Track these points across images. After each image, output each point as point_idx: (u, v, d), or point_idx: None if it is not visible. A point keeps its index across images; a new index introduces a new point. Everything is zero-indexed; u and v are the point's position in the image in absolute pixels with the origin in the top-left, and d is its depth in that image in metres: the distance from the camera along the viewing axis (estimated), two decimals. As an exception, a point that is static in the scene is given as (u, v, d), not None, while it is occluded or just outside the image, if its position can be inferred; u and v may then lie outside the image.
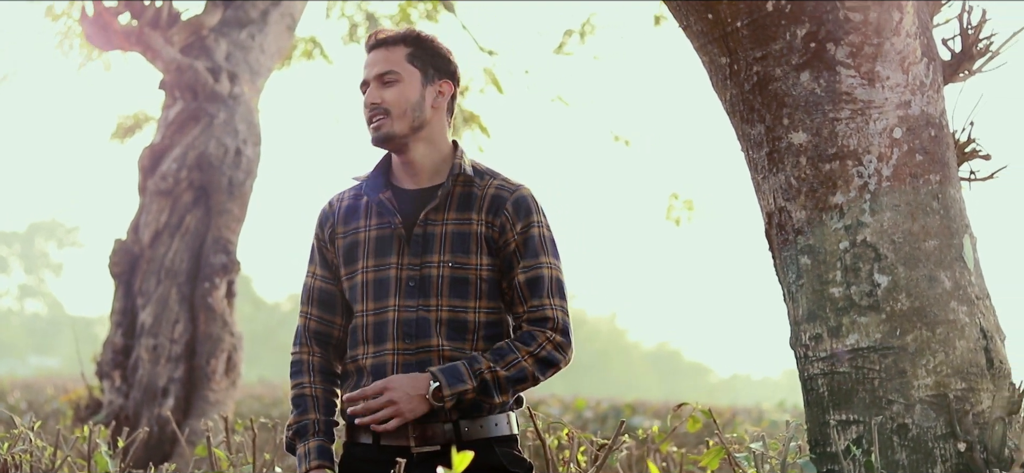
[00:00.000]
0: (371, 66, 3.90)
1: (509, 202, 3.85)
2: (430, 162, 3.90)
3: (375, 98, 3.85)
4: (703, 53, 3.87)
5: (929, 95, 3.73)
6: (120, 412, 9.02)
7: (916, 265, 3.63)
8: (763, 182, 3.81)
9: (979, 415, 3.60)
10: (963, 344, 3.63)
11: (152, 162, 9.47)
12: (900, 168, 3.66)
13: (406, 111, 3.85)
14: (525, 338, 3.81)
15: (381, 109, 3.85)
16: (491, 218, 3.83)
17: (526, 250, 3.83)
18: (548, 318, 3.82)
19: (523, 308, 3.84)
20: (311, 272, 4.02)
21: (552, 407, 14.51)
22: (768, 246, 3.89)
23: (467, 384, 3.71)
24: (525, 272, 3.83)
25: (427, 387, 3.70)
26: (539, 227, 3.86)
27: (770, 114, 3.73)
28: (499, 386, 3.75)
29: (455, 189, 3.86)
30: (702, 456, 4.27)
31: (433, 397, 3.69)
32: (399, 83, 3.86)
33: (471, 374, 3.72)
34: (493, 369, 3.74)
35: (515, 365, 3.76)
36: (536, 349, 3.79)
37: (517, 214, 3.84)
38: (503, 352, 3.78)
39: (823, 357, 3.70)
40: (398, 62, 3.88)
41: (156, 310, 9.19)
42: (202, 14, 9.64)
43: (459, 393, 3.70)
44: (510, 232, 3.83)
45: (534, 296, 3.83)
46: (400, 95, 3.85)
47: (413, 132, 3.86)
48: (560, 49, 12.63)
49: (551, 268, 3.86)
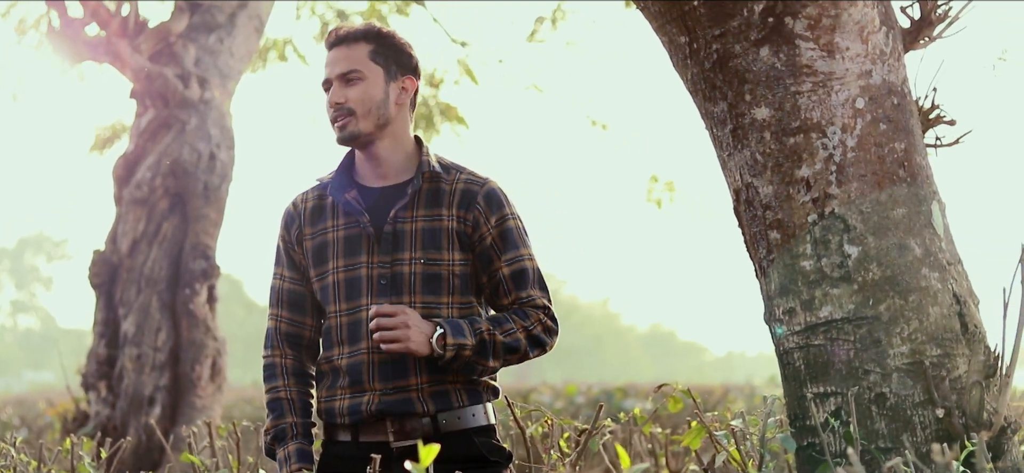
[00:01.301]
0: (333, 65, 3.88)
1: (480, 196, 3.85)
2: (395, 159, 3.89)
3: (339, 97, 3.83)
4: (662, 33, 3.86)
5: (890, 63, 3.73)
6: (107, 423, 9.01)
7: (885, 234, 3.63)
8: (729, 159, 3.81)
9: (956, 380, 3.60)
10: (937, 310, 3.63)
11: (126, 171, 9.45)
12: (865, 138, 3.66)
13: (371, 110, 3.84)
14: (520, 314, 3.84)
15: (345, 109, 3.83)
16: (463, 213, 3.83)
17: (505, 244, 3.84)
18: (538, 306, 3.87)
19: (508, 300, 3.86)
20: (279, 274, 4.01)
21: (543, 395, 14.52)
22: (737, 223, 3.89)
23: (468, 339, 3.73)
24: (509, 265, 3.84)
25: (433, 330, 3.70)
26: (513, 219, 3.87)
27: (732, 91, 3.73)
28: (495, 349, 3.77)
29: (423, 185, 3.85)
30: (684, 436, 4.28)
31: (437, 342, 3.69)
32: (363, 82, 3.84)
33: (472, 331, 3.75)
34: (492, 332, 3.77)
35: (511, 334, 3.79)
36: (530, 326, 3.83)
37: (490, 208, 3.85)
38: (500, 321, 3.81)
39: (798, 331, 3.70)
40: (361, 60, 3.86)
41: (138, 319, 9.17)
42: (169, 21, 9.60)
43: (459, 345, 3.72)
44: (484, 227, 3.83)
45: (520, 288, 3.85)
46: (364, 94, 3.84)
47: (378, 130, 3.86)
48: (532, 37, 12.61)
49: (531, 259, 3.89)
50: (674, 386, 4.41)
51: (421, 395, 3.78)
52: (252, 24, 9.91)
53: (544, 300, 3.88)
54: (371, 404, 3.79)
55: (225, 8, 9.79)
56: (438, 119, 12.30)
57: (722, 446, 4.13)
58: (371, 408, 3.78)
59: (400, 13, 11.82)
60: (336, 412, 3.85)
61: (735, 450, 4.11)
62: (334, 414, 3.86)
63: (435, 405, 3.79)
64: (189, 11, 9.71)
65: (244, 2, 9.86)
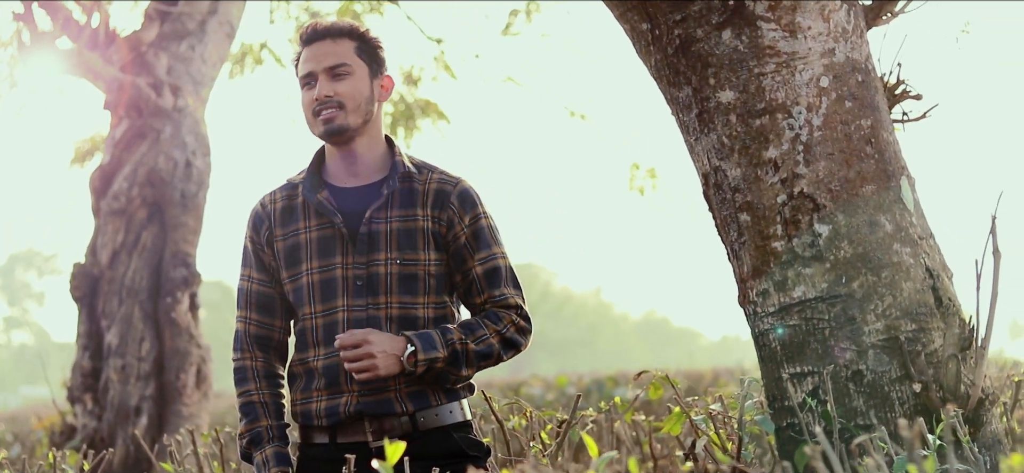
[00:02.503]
0: (319, 58, 3.83)
1: (454, 196, 3.84)
2: (370, 158, 3.88)
3: (327, 90, 3.79)
4: (623, 21, 3.86)
5: (853, 41, 3.73)
6: (95, 435, 8.99)
7: (855, 211, 3.63)
8: (696, 144, 3.81)
9: (932, 354, 3.60)
10: (910, 285, 3.63)
11: (103, 183, 9.43)
12: (830, 116, 3.66)
13: (360, 105, 3.82)
14: (492, 317, 3.83)
15: (334, 102, 3.79)
16: (437, 213, 3.82)
17: (478, 243, 3.84)
18: (512, 305, 3.86)
19: (482, 298, 3.85)
20: (246, 275, 3.98)
21: (534, 387, 14.49)
22: (707, 207, 3.89)
23: (439, 352, 3.72)
24: (482, 264, 3.84)
25: (403, 349, 3.70)
26: (485, 218, 3.87)
27: (696, 76, 3.72)
28: (467, 358, 3.77)
29: (398, 186, 3.84)
30: (664, 422, 4.28)
31: (407, 361, 3.69)
32: (351, 76, 3.82)
33: (443, 343, 3.74)
34: (464, 341, 3.76)
35: (484, 341, 3.78)
36: (503, 328, 3.82)
37: (463, 207, 3.84)
38: (472, 327, 3.80)
39: (772, 312, 3.70)
40: (348, 54, 3.83)
41: (121, 330, 9.15)
42: (140, 30, 9.57)
43: (431, 360, 3.71)
44: (458, 226, 3.82)
45: (493, 287, 3.85)
46: (354, 88, 3.81)
47: (363, 126, 3.84)
48: (507, 30, 12.60)
49: (504, 258, 3.88)
50: (655, 372, 4.41)
51: (399, 395, 3.77)
52: (223, 30, 9.88)
53: (517, 299, 3.88)
54: (349, 405, 3.78)
55: (195, 15, 9.75)
56: (418, 116, 12.28)
57: (702, 431, 4.13)
58: (349, 409, 3.78)
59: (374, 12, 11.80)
60: (313, 414, 3.84)
61: (714, 434, 4.12)
62: (311, 416, 3.85)
63: (413, 404, 3.78)
64: (159, 20, 9.68)
65: (214, 6, 9.84)
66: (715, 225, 3.88)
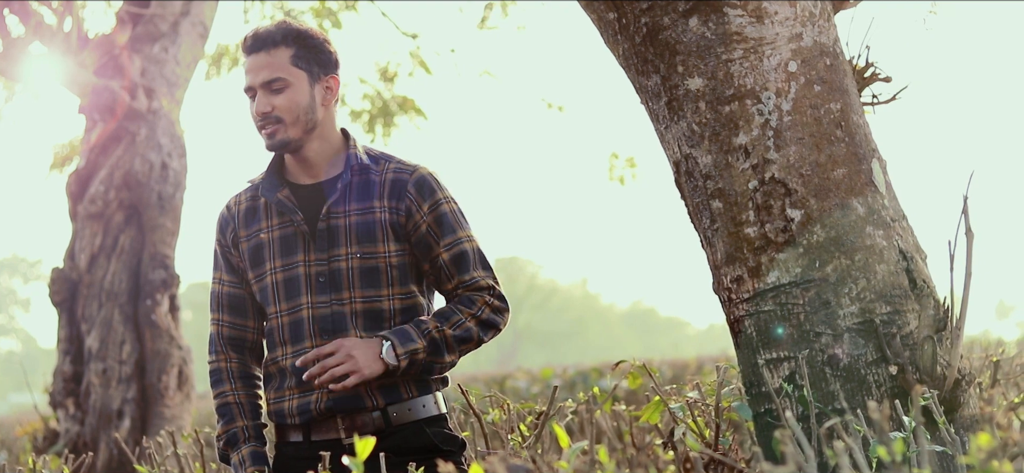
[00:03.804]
0: (255, 72, 3.79)
1: (410, 184, 3.82)
2: (324, 156, 3.86)
3: (264, 107, 3.77)
4: (590, 10, 3.85)
5: (820, 25, 3.72)
6: (78, 439, 8.98)
7: (827, 195, 3.63)
8: (666, 132, 3.80)
9: (908, 337, 3.60)
10: (883, 268, 3.62)
11: (79, 187, 9.41)
12: (800, 101, 3.65)
13: (299, 117, 3.77)
14: (465, 301, 3.82)
15: (273, 117, 3.77)
16: (394, 203, 3.81)
17: (442, 229, 3.82)
18: (483, 287, 3.85)
19: (452, 284, 3.84)
20: (218, 278, 3.99)
21: (519, 380, 14.50)
22: (680, 195, 3.88)
23: (417, 343, 3.72)
24: (448, 250, 3.82)
25: (380, 347, 3.69)
26: (447, 203, 3.84)
27: (664, 63, 3.72)
28: (447, 345, 3.76)
29: (353, 179, 3.82)
30: (642, 411, 4.28)
31: (388, 356, 3.68)
32: (288, 89, 3.77)
33: (420, 334, 3.73)
34: (440, 328, 3.76)
35: (461, 325, 3.78)
36: (477, 311, 3.82)
37: (421, 195, 3.82)
38: (447, 314, 3.79)
39: (746, 298, 3.69)
40: (283, 67, 3.78)
41: (101, 333, 9.14)
42: (112, 33, 9.54)
43: (411, 352, 3.71)
44: (417, 214, 3.81)
45: (462, 272, 3.83)
46: (291, 101, 3.77)
47: (307, 134, 3.80)
48: (483, 23, 12.59)
49: (470, 240, 3.86)
50: (631, 362, 4.41)
51: (370, 389, 3.77)
52: (196, 30, 9.85)
53: (488, 280, 3.87)
54: (320, 402, 3.78)
55: (168, 17, 9.73)
56: (396, 112, 12.27)
57: (681, 419, 4.13)
58: (320, 406, 3.77)
59: (349, 9, 11.77)
60: (286, 412, 3.84)
61: (692, 422, 4.11)
62: (284, 415, 3.85)
63: (384, 398, 3.78)
64: (132, 22, 9.65)
65: (187, 7, 9.81)
66: (688, 212, 3.87)
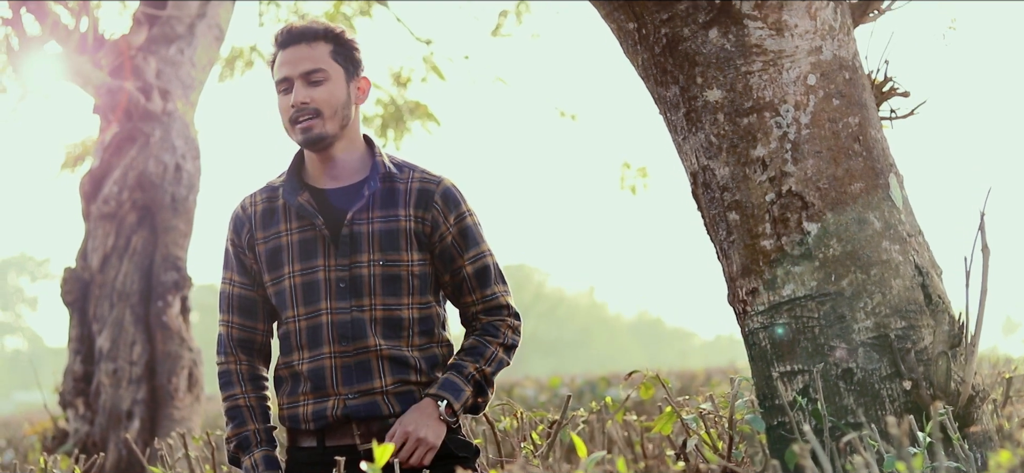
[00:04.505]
0: (293, 63, 3.76)
1: (437, 195, 3.81)
2: (350, 160, 3.85)
3: (304, 97, 3.73)
4: (610, 20, 3.85)
5: (840, 39, 3.72)
6: (87, 439, 8.98)
7: (844, 209, 3.63)
8: (684, 143, 3.80)
9: (922, 352, 3.60)
10: (899, 283, 3.62)
11: (93, 187, 9.42)
12: (818, 114, 3.65)
13: (337, 111, 3.76)
14: (490, 330, 3.84)
15: (311, 109, 3.73)
16: (421, 213, 3.80)
17: (466, 242, 3.82)
18: (502, 305, 3.87)
19: (472, 297, 3.85)
20: (228, 278, 3.96)
21: (527, 388, 14.48)
22: (696, 206, 3.88)
23: (466, 391, 3.77)
24: (471, 263, 3.82)
25: (436, 409, 3.72)
26: (470, 216, 3.85)
27: (683, 74, 3.72)
28: (488, 382, 3.84)
29: (380, 186, 3.81)
30: (655, 422, 4.27)
31: (446, 413, 3.72)
32: (328, 82, 3.75)
33: (465, 380, 3.78)
34: (480, 368, 3.80)
35: (494, 359, 3.83)
36: (504, 339, 3.86)
37: (448, 207, 3.82)
38: (480, 350, 3.82)
39: (762, 311, 3.69)
40: (323, 59, 3.76)
41: (112, 334, 9.14)
42: (129, 34, 9.55)
43: (464, 404, 3.77)
44: (444, 226, 3.80)
45: (484, 286, 3.84)
46: (330, 94, 3.75)
47: (341, 131, 3.80)
48: (497, 31, 12.59)
49: (491, 255, 3.88)
50: (645, 372, 4.41)
51: (387, 397, 3.76)
52: (212, 33, 9.86)
53: (506, 297, 3.88)
54: (336, 409, 3.76)
55: (184, 19, 9.74)
56: (408, 118, 12.27)
57: (693, 430, 4.13)
58: (337, 413, 3.76)
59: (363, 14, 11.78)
60: (300, 418, 3.82)
61: (705, 434, 4.11)
62: (298, 420, 3.83)
63: (401, 405, 3.77)
64: (148, 23, 9.66)
65: (203, 9, 9.82)
66: (704, 224, 3.87)
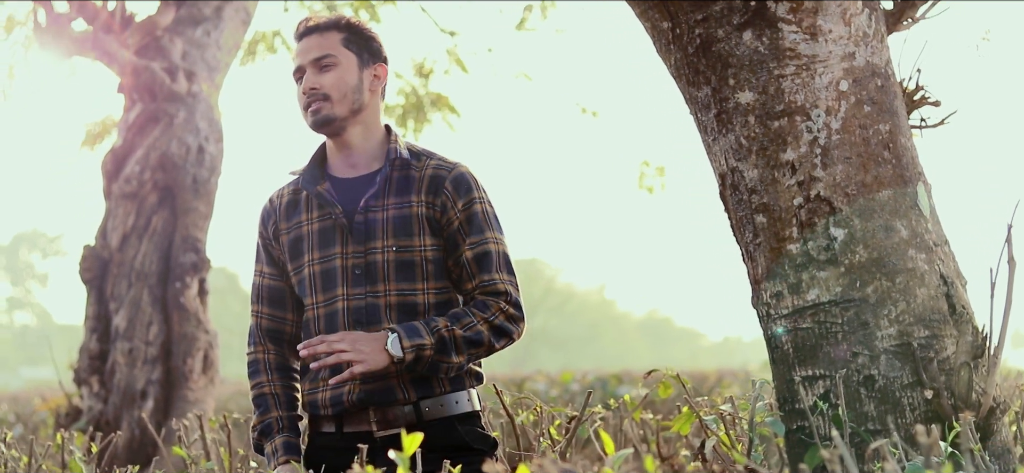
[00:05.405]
0: (305, 52, 3.88)
1: (448, 181, 3.84)
2: (367, 147, 3.90)
3: (313, 83, 3.84)
4: (644, 18, 3.85)
5: (873, 45, 3.72)
6: (100, 417, 9.00)
7: (871, 216, 3.63)
8: (713, 144, 3.80)
9: (944, 362, 3.59)
10: (924, 292, 3.62)
11: (115, 166, 9.44)
12: (849, 120, 3.65)
13: (346, 94, 3.84)
14: (480, 305, 3.82)
15: (320, 94, 3.84)
16: (431, 198, 3.83)
17: (471, 227, 3.83)
18: (501, 291, 3.85)
19: (472, 284, 3.84)
20: (259, 270, 4.04)
21: (538, 383, 14.48)
22: (723, 207, 3.88)
23: (425, 339, 3.71)
24: (472, 248, 3.83)
25: (385, 339, 3.69)
26: (481, 203, 3.86)
27: (715, 75, 3.72)
28: (456, 345, 3.75)
29: (393, 173, 3.85)
30: (674, 421, 4.27)
31: (392, 348, 3.68)
32: (337, 67, 3.86)
33: (429, 331, 3.72)
34: (450, 328, 3.75)
35: (471, 327, 3.77)
36: (491, 316, 3.81)
37: (457, 192, 3.84)
38: (459, 315, 3.79)
39: (785, 314, 3.69)
40: (333, 46, 3.87)
41: (129, 313, 9.16)
42: (156, 14, 9.59)
43: (417, 346, 3.69)
44: (452, 211, 3.83)
45: (483, 272, 3.84)
46: (339, 78, 3.85)
47: (352, 116, 3.86)
48: (521, 25, 12.58)
49: (497, 243, 3.87)
50: (665, 372, 4.41)
51: (402, 382, 3.78)
52: (239, 17, 9.89)
53: (507, 285, 3.85)
54: (352, 394, 3.79)
55: (211, 2, 9.77)
56: (429, 109, 12.28)
57: (712, 431, 4.13)
58: (352, 398, 3.79)
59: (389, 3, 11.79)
60: (319, 403, 3.86)
61: (725, 435, 4.11)
62: (317, 406, 3.87)
63: (417, 392, 3.78)
64: (175, 5, 9.69)
65: (230, -4, 9.86)
66: (730, 226, 3.87)
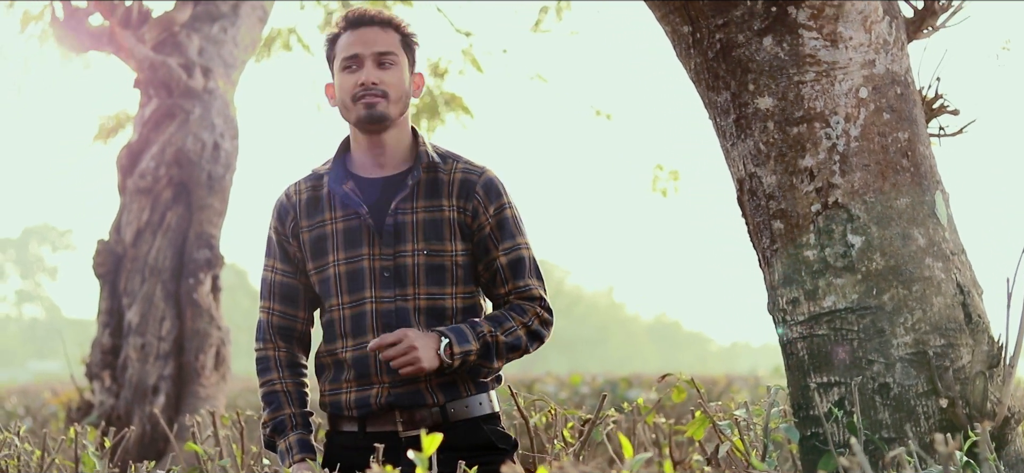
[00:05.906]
0: (367, 43, 3.83)
1: (479, 186, 3.84)
2: (397, 149, 3.89)
3: (374, 76, 3.80)
4: (665, 22, 3.85)
5: (893, 53, 3.72)
6: (111, 412, 9.00)
7: (889, 224, 3.63)
8: (732, 149, 3.80)
9: (959, 370, 3.59)
10: (940, 300, 3.62)
11: (130, 161, 9.45)
12: (868, 128, 3.65)
13: (401, 96, 3.85)
14: (518, 310, 3.83)
15: (379, 90, 3.80)
16: (462, 203, 3.83)
17: (502, 233, 3.84)
18: (536, 297, 3.87)
19: (506, 289, 3.86)
20: (270, 266, 3.99)
21: (548, 384, 14.48)
22: (741, 213, 3.88)
23: (472, 345, 3.74)
24: (506, 254, 3.84)
25: (438, 343, 3.70)
26: (510, 208, 3.88)
27: (735, 81, 3.72)
28: (498, 350, 3.78)
29: (423, 176, 3.85)
30: (688, 426, 4.27)
31: (445, 353, 3.69)
32: (397, 66, 3.84)
33: (475, 336, 3.75)
34: (494, 333, 3.77)
35: (512, 333, 3.80)
36: (528, 321, 3.83)
37: (488, 197, 3.85)
38: (500, 319, 3.80)
39: (801, 321, 3.69)
40: (395, 44, 3.86)
41: (142, 309, 9.16)
42: (173, 10, 9.60)
43: (465, 353, 3.73)
44: (483, 216, 3.83)
45: (517, 277, 3.85)
46: (399, 79, 3.84)
47: (399, 117, 3.86)
48: (537, 26, 12.58)
49: (528, 249, 3.89)
50: (678, 376, 4.41)
51: (430, 386, 3.78)
52: (256, 13, 9.89)
53: (540, 290, 3.88)
54: (380, 397, 3.79)
55: (229, 0, 9.79)
56: (443, 109, 12.29)
57: (725, 436, 4.13)
58: (380, 401, 3.78)
59: (405, 2, 11.80)
60: (342, 405, 3.85)
61: (739, 440, 4.11)
62: (340, 406, 3.86)
63: (445, 395, 3.79)
64: (193, 1, 9.70)
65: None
66: (748, 231, 3.87)
